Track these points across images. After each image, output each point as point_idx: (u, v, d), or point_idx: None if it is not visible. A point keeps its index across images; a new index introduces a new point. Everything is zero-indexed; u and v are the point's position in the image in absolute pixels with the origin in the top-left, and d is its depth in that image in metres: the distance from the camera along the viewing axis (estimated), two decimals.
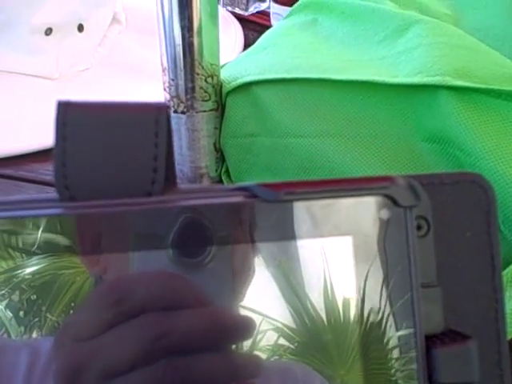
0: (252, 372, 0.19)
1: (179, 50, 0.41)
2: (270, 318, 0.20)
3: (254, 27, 0.73)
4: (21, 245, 0.19)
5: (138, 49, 0.64)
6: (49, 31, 0.58)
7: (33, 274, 0.19)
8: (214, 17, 0.40)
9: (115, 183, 0.19)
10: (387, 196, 0.20)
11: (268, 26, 0.71)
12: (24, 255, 0.19)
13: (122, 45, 0.64)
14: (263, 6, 0.74)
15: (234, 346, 0.19)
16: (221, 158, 0.45)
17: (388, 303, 0.20)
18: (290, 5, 0.67)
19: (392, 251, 0.20)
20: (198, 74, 0.41)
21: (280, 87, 0.40)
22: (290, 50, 0.44)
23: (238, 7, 0.73)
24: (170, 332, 0.18)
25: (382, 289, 0.20)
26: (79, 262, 0.19)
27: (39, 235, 0.19)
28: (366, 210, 0.20)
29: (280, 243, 0.19)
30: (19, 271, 0.19)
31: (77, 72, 0.60)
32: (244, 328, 0.19)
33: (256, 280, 0.20)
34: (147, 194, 0.19)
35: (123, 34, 0.66)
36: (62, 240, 0.19)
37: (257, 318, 0.19)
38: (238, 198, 0.19)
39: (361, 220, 0.20)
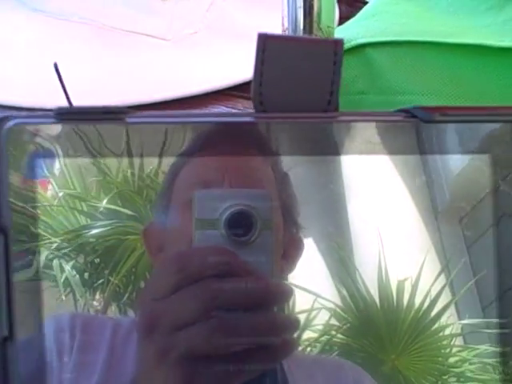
0: (289, 329, 0.24)
1: (300, 12, 0.45)
2: (322, 297, 0.24)
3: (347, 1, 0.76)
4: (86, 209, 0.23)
5: (242, 16, 0.69)
6: None
7: (97, 237, 0.23)
8: None
9: (300, 101, 0.24)
10: None
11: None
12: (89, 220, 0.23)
13: (227, 12, 0.69)
14: None
15: (274, 308, 0.23)
16: None
17: (450, 290, 0.23)
18: None
19: None
20: (315, 35, 0.46)
21: (391, 49, 0.44)
22: (398, 17, 0.48)
23: None
24: (222, 294, 0.23)
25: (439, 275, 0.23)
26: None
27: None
28: (504, 134, 0.24)
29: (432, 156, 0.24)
30: (85, 232, 0.23)
31: (187, 35, 0.66)
32: (281, 293, 0.24)
33: (309, 259, 0.24)
34: (324, 111, 0.24)
35: (228, 1, 0.71)
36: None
37: (309, 297, 0.24)
38: (398, 117, 0.24)
39: (500, 142, 0.24)
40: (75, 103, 0.40)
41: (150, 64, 0.61)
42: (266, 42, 0.24)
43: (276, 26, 0.47)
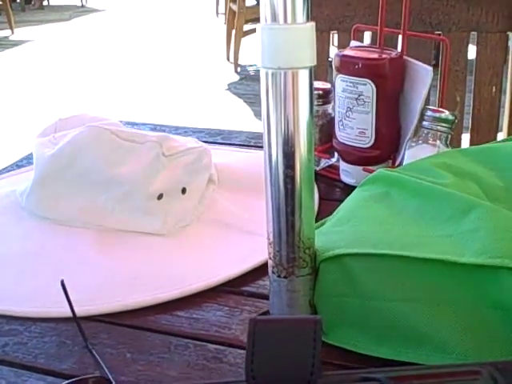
0: None
1: (284, 229, 0.51)
2: None
3: (325, 180, 0.84)
4: None
5: (230, 206, 0.75)
6: (160, 196, 0.70)
7: None
8: (311, 203, 0.51)
9: (286, 373, 0.28)
10: None
11: (336, 180, 0.83)
12: None
13: (216, 202, 0.76)
14: (332, 161, 0.85)
15: None
16: (315, 312, 0.54)
17: None
18: (357, 164, 0.79)
19: None
20: (298, 247, 0.51)
21: (366, 258, 0.50)
22: (371, 224, 0.54)
23: None
24: None
25: None
26: None
27: None
28: None
29: None
30: None
31: (180, 228, 0.72)
32: None
33: None
34: (307, 382, 0.28)
35: (216, 191, 0.78)
36: None
37: None
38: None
39: None
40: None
41: (147, 261, 0.66)
42: (256, 326, 0.29)
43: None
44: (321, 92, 0.81)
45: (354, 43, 0.81)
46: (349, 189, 0.80)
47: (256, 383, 0.28)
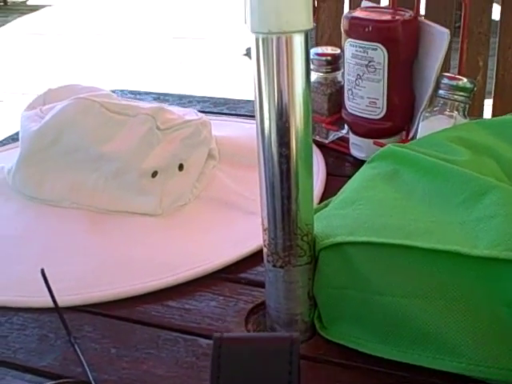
0: None
1: (279, 214, 0.46)
2: None
3: (334, 154, 0.79)
4: None
5: (231, 183, 0.70)
6: (155, 174, 0.65)
7: None
8: (309, 185, 0.46)
9: None
10: None
11: (346, 154, 0.77)
12: None
13: (216, 179, 0.71)
14: (342, 133, 0.80)
15: None
16: (314, 304, 0.49)
17: None
18: (367, 136, 0.73)
19: None
20: (295, 234, 0.47)
21: (369, 248, 0.45)
22: (376, 207, 0.49)
23: (319, 135, 0.79)
24: None
25: None
26: None
27: None
28: None
29: None
30: None
31: (177, 207, 0.67)
32: None
33: None
34: None
35: (216, 168, 0.73)
36: None
37: None
38: None
39: None
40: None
41: (140, 245, 0.62)
42: (221, 345, 0.24)
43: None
44: (329, 58, 0.75)
45: (365, 3, 0.75)
46: (359, 163, 0.75)
47: None
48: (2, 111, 3.27)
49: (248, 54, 3.99)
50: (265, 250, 0.48)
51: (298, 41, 0.42)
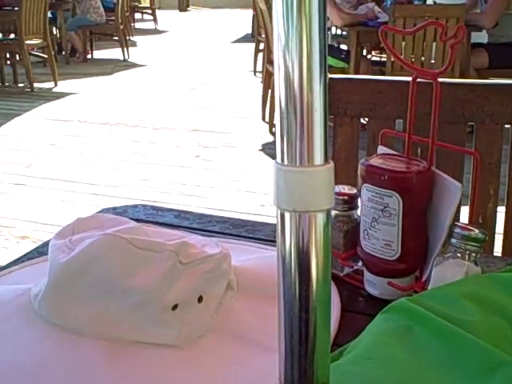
0: None
1: (296, 375, 0.48)
2: None
3: (348, 287, 0.81)
4: None
5: (249, 316, 0.72)
6: (175, 307, 0.68)
7: None
8: (327, 348, 0.48)
9: None
10: None
11: (361, 288, 0.79)
12: None
13: (234, 311, 0.73)
14: (358, 265, 0.82)
15: None
16: None
17: None
18: (382, 275, 0.75)
19: None
20: None
21: None
22: (389, 367, 0.51)
23: (335, 268, 0.82)
24: None
25: None
26: None
27: None
28: None
29: None
30: None
31: (194, 338, 0.69)
32: None
33: None
34: None
35: (234, 298, 0.75)
36: None
37: None
38: None
39: None
40: None
41: (159, 376, 0.63)
42: None
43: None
44: (346, 197, 0.79)
45: (381, 149, 0.79)
46: (373, 301, 0.77)
47: None
48: (27, 194, 3.34)
49: (263, 149, 4.10)
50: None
51: (321, 218, 0.45)
